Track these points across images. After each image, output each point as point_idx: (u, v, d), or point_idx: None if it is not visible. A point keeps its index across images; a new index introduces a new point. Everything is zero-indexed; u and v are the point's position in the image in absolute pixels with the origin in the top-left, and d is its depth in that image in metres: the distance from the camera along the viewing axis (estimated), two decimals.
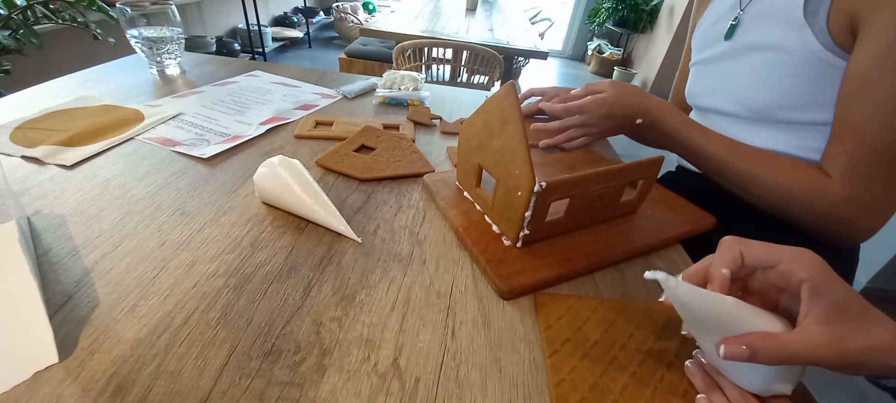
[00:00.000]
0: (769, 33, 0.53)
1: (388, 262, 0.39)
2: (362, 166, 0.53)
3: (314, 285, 0.36)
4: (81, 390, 0.26)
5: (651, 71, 3.60)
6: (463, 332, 0.33)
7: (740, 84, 0.56)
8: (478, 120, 0.43)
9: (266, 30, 3.30)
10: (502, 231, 0.42)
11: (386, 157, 0.56)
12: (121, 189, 0.45)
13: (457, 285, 0.38)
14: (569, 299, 0.37)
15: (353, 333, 0.32)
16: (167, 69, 0.79)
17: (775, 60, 0.52)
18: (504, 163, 0.39)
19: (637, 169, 0.44)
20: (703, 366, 0.31)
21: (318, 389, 0.28)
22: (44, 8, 1.28)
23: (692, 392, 0.30)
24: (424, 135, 0.66)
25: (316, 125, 0.64)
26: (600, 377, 0.31)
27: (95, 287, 0.33)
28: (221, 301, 0.33)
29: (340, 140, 0.60)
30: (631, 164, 0.43)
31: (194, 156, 0.53)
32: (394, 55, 1.60)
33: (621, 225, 0.47)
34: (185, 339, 0.30)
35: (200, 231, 0.41)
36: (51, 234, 0.38)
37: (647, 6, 3.77)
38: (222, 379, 0.28)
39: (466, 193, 0.49)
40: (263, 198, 0.45)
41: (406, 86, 0.76)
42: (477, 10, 2.60)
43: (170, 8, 0.76)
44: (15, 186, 0.44)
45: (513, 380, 0.30)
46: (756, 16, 0.56)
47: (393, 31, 1.76)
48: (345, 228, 0.42)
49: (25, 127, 0.55)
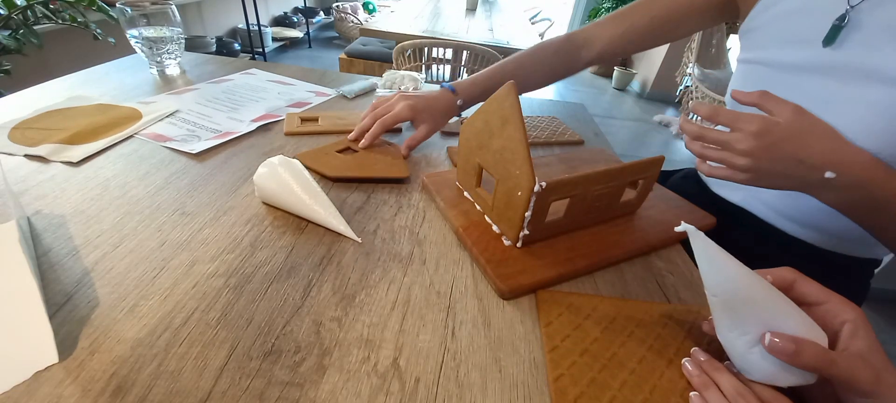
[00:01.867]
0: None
1: (388, 262, 0.39)
2: (337, 165, 0.52)
3: (314, 285, 0.36)
4: (81, 390, 0.26)
5: (651, 71, 3.60)
6: (463, 332, 0.33)
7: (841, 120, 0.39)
8: (478, 120, 0.43)
9: (266, 30, 3.30)
10: (502, 231, 0.42)
11: (364, 160, 0.54)
12: (121, 189, 0.45)
13: (457, 285, 0.38)
14: (570, 296, 0.37)
15: (353, 333, 0.32)
16: (167, 69, 0.79)
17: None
18: (504, 163, 0.39)
19: (637, 169, 0.44)
20: (700, 364, 0.31)
21: (318, 389, 0.28)
22: (44, 8, 1.28)
23: (691, 391, 0.30)
24: None
25: (302, 121, 0.64)
26: (599, 373, 0.31)
27: (95, 287, 0.33)
28: (221, 301, 0.33)
29: (327, 134, 0.61)
30: (631, 164, 0.43)
31: (184, 151, 0.53)
32: (394, 55, 1.60)
33: (621, 225, 0.47)
34: (185, 339, 0.30)
35: (200, 231, 0.41)
36: (51, 234, 0.38)
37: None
38: (222, 379, 0.28)
39: (466, 193, 0.49)
40: (263, 198, 0.45)
41: (406, 86, 0.76)
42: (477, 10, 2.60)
43: (170, 8, 0.76)
44: (15, 186, 0.44)
45: (513, 380, 0.30)
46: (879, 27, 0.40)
47: (393, 31, 1.76)
48: (345, 228, 0.42)
49: (23, 126, 0.55)
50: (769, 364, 0.28)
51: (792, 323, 0.28)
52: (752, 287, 0.28)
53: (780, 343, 0.27)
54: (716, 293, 0.29)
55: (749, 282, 0.28)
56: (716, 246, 0.29)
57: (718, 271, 0.29)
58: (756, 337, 0.28)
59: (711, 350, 0.33)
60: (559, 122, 0.76)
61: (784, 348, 0.27)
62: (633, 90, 3.84)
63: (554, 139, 0.69)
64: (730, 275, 0.28)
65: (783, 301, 0.28)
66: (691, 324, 0.36)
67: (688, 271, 0.44)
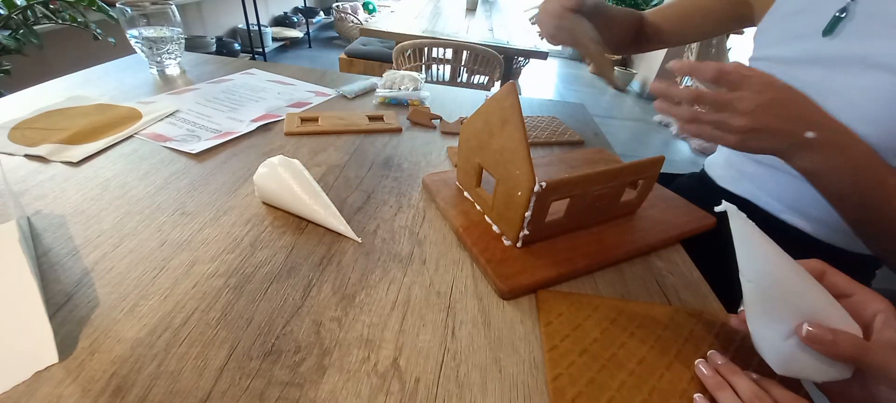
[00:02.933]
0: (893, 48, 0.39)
1: (388, 262, 0.39)
2: None
3: (314, 285, 0.36)
4: (81, 390, 0.26)
5: (651, 71, 3.60)
6: (463, 332, 0.33)
7: (839, 108, 0.39)
8: (478, 120, 0.43)
9: (266, 30, 3.30)
10: (502, 231, 0.42)
11: None
12: (121, 189, 0.45)
13: (457, 285, 0.38)
14: (570, 296, 0.37)
15: (353, 333, 0.32)
16: (167, 69, 0.79)
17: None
18: (504, 163, 0.39)
19: (637, 169, 0.44)
20: (717, 367, 0.31)
21: (318, 389, 0.28)
22: (44, 8, 1.28)
23: (690, 393, 0.30)
24: (424, 135, 0.66)
25: (302, 121, 0.64)
26: (598, 373, 0.31)
27: (95, 287, 0.33)
28: (221, 301, 0.33)
29: (327, 134, 0.61)
30: (631, 164, 0.43)
31: (184, 151, 0.53)
32: (394, 55, 1.60)
33: (621, 225, 0.47)
34: (185, 339, 0.30)
35: (200, 231, 0.41)
36: (51, 234, 0.38)
37: (647, 6, 3.77)
38: (222, 379, 0.28)
39: (466, 193, 0.49)
40: (263, 198, 0.45)
41: (406, 86, 0.76)
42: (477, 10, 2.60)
43: (170, 8, 0.76)
44: (15, 186, 0.44)
45: (513, 380, 0.30)
46: (877, 17, 0.41)
47: (393, 31, 1.76)
48: (345, 228, 0.42)
49: (23, 126, 0.55)
50: (805, 356, 0.27)
51: (828, 313, 0.27)
52: (790, 274, 0.27)
53: (818, 333, 0.26)
54: (751, 278, 0.28)
55: (787, 269, 0.27)
56: (756, 229, 0.28)
57: (756, 255, 0.28)
58: (791, 328, 0.27)
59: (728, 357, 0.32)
60: (559, 122, 0.76)
61: (822, 337, 0.26)
62: (633, 90, 3.84)
63: (554, 139, 0.69)
64: (768, 261, 0.27)
65: (819, 290, 0.28)
66: (692, 326, 0.36)
67: (688, 271, 0.44)
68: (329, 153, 0.57)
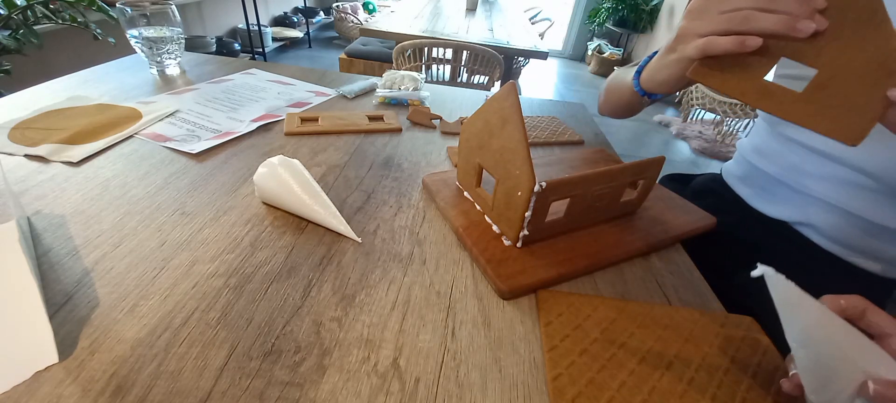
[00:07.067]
0: None
1: (388, 262, 0.39)
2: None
3: (314, 285, 0.36)
4: (81, 390, 0.26)
5: None
6: (463, 332, 0.33)
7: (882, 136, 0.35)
8: (478, 120, 0.43)
9: (266, 30, 3.30)
10: (502, 231, 0.42)
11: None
12: (121, 189, 0.45)
13: (457, 285, 0.38)
14: (570, 296, 0.37)
15: (353, 333, 0.32)
16: (167, 69, 0.79)
17: None
18: (504, 163, 0.39)
19: (637, 169, 0.44)
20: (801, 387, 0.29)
21: (318, 389, 0.28)
22: (44, 8, 1.28)
23: (690, 393, 0.30)
24: (424, 135, 0.66)
25: (302, 121, 0.64)
26: (598, 373, 0.31)
27: (95, 287, 0.33)
28: (221, 301, 0.33)
29: (327, 134, 0.61)
30: (631, 165, 0.43)
31: (184, 151, 0.53)
32: (394, 55, 1.60)
33: (621, 225, 0.47)
34: (185, 339, 0.30)
35: (200, 231, 0.41)
36: (51, 234, 0.38)
37: (647, 6, 3.77)
38: (222, 379, 0.28)
39: (466, 193, 0.49)
40: (263, 198, 0.45)
41: (406, 86, 0.76)
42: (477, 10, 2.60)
43: (170, 8, 0.76)
44: (15, 186, 0.44)
45: (513, 380, 0.30)
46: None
47: (393, 31, 1.76)
48: (345, 228, 0.42)
49: (23, 126, 0.55)
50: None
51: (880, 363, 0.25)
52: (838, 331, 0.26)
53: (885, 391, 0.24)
54: (802, 343, 0.26)
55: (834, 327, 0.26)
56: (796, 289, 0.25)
57: (803, 318, 0.26)
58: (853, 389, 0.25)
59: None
60: (559, 122, 0.76)
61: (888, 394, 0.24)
62: None
63: (554, 139, 0.69)
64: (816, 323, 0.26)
65: (865, 340, 0.26)
66: (692, 326, 0.36)
67: (688, 271, 0.44)
68: (329, 153, 0.57)
